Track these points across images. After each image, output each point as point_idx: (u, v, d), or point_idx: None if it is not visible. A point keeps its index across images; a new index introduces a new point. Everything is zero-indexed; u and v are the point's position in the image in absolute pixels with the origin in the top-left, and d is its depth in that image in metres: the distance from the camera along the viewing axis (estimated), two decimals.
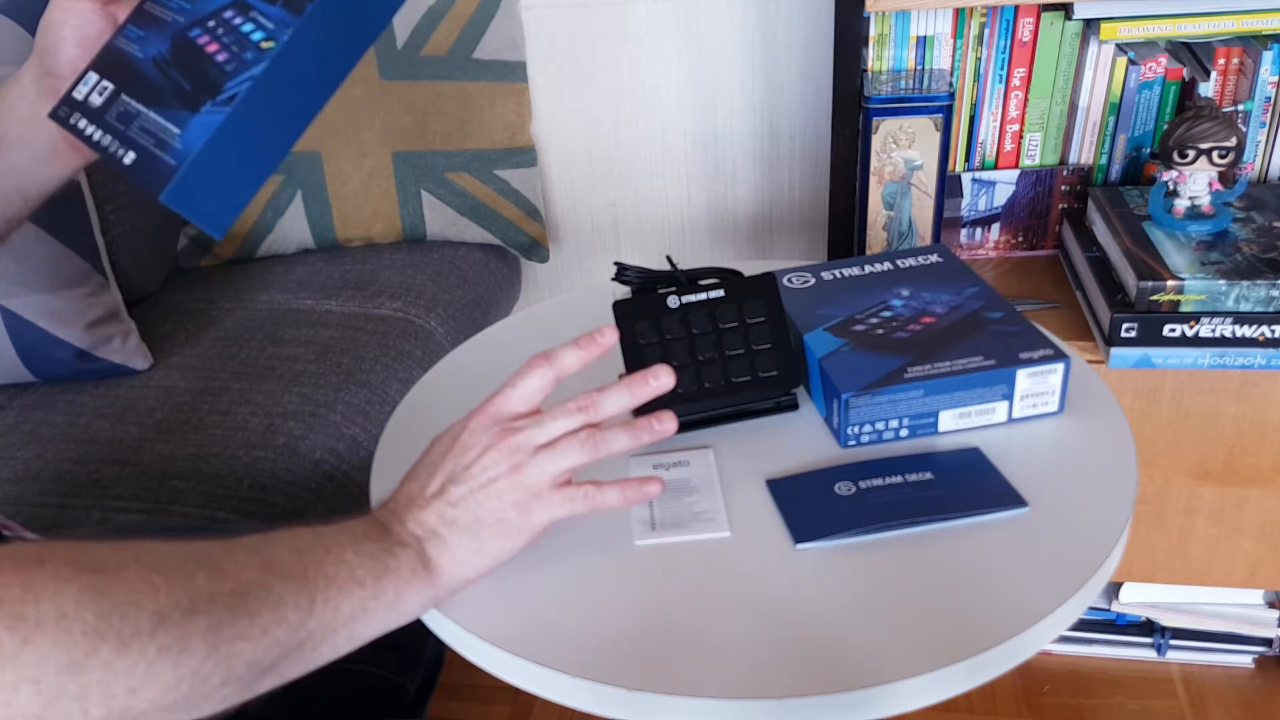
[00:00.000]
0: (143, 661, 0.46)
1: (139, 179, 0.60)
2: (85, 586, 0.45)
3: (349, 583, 0.57)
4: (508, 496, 0.62)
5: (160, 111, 0.61)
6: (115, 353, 1.25)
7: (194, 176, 0.58)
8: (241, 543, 0.55)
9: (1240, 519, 1.20)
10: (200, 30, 0.63)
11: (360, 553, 0.58)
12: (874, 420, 0.75)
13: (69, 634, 0.44)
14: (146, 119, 0.61)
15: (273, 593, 0.53)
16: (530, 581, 0.65)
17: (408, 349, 1.31)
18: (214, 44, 0.62)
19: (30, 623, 0.43)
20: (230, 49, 0.61)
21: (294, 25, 0.60)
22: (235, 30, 0.62)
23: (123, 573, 0.47)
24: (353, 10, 0.62)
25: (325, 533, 0.58)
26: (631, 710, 0.58)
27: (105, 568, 0.47)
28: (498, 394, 0.65)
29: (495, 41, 1.49)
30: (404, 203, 1.52)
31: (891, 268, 0.89)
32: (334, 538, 0.58)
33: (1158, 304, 1.06)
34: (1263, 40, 1.18)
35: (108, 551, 0.48)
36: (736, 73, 1.53)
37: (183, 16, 0.64)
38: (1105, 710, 1.35)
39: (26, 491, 1.09)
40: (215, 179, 0.59)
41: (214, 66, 0.61)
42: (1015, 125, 1.28)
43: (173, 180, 0.58)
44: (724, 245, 1.67)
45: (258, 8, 0.62)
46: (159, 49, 0.63)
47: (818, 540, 0.67)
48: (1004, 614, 0.60)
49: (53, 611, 0.44)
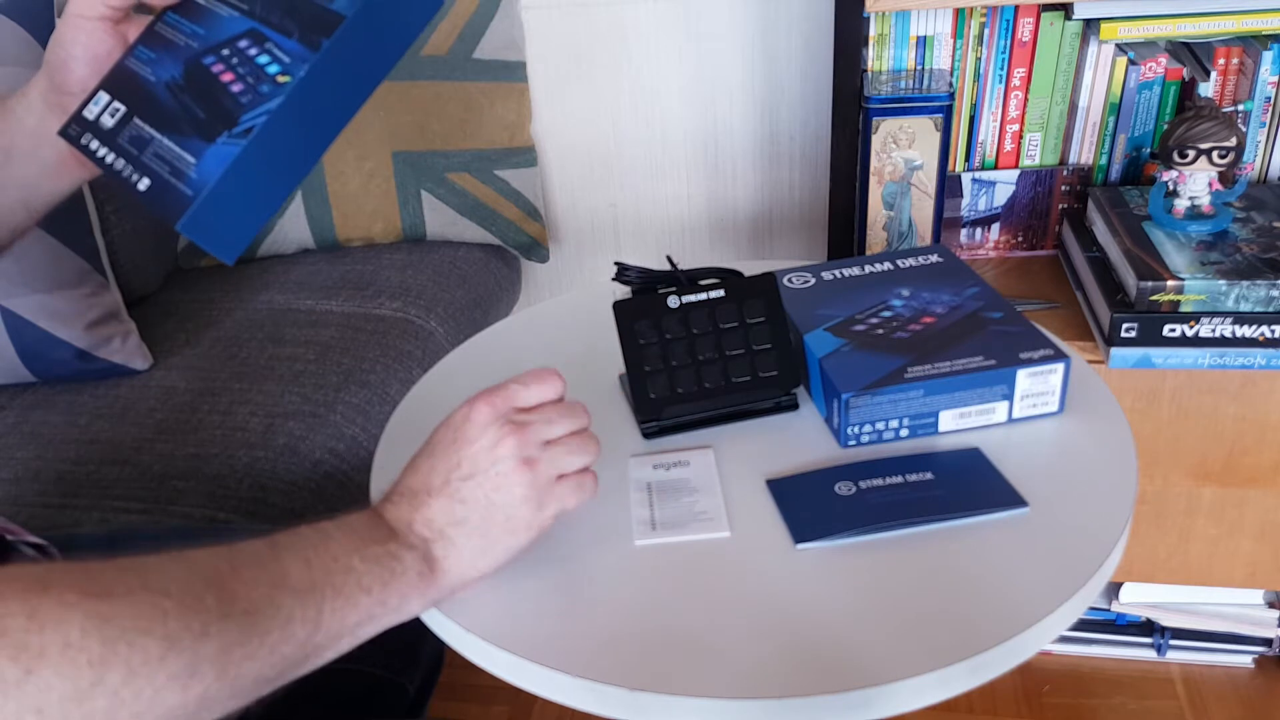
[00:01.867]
0: (150, 688, 0.46)
1: (153, 206, 0.60)
2: (91, 613, 0.44)
3: (356, 591, 0.56)
4: (518, 491, 0.61)
5: (175, 139, 0.61)
6: (115, 353, 1.25)
7: (210, 207, 0.59)
8: (247, 555, 0.54)
9: (1240, 519, 1.20)
10: (214, 58, 0.63)
11: (366, 558, 0.57)
12: (874, 420, 0.75)
13: (74, 664, 0.43)
14: (160, 145, 0.62)
15: (282, 610, 0.52)
16: (530, 581, 0.65)
17: (408, 349, 1.31)
18: (229, 74, 0.62)
19: (34, 653, 0.42)
20: (246, 80, 0.61)
21: (310, 61, 0.60)
22: (251, 61, 0.62)
23: (130, 598, 0.46)
24: (367, 46, 0.63)
25: (331, 535, 0.58)
26: (631, 710, 0.58)
27: (112, 593, 0.46)
28: (504, 388, 0.63)
29: (495, 41, 1.49)
30: (404, 203, 1.52)
31: (891, 268, 0.89)
32: (340, 542, 0.57)
33: (1158, 304, 1.06)
34: (1263, 40, 1.18)
35: (114, 575, 0.47)
36: (736, 73, 1.53)
37: (196, 42, 0.65)
38: (1105, 710, 1.35)
39: (26, 491, 1.08)
40: (230, 209, 0.60)
41: (229, 97, 0.61)
42: (1015, 125, 1.28)
43: (189, 211, 0.59)
44: (724, 245, 1.67)
45: (274, 40, 0.62)
46: (172, 73, 0.64)
47: (818, 540, 0.67)
48: (1004, 614, 0.60)
49: (57, 641, 0.43)
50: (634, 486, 0.73)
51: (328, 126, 0.63)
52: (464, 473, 0.61)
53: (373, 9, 0.62)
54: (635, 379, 0.76)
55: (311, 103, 0.61)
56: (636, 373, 0.76)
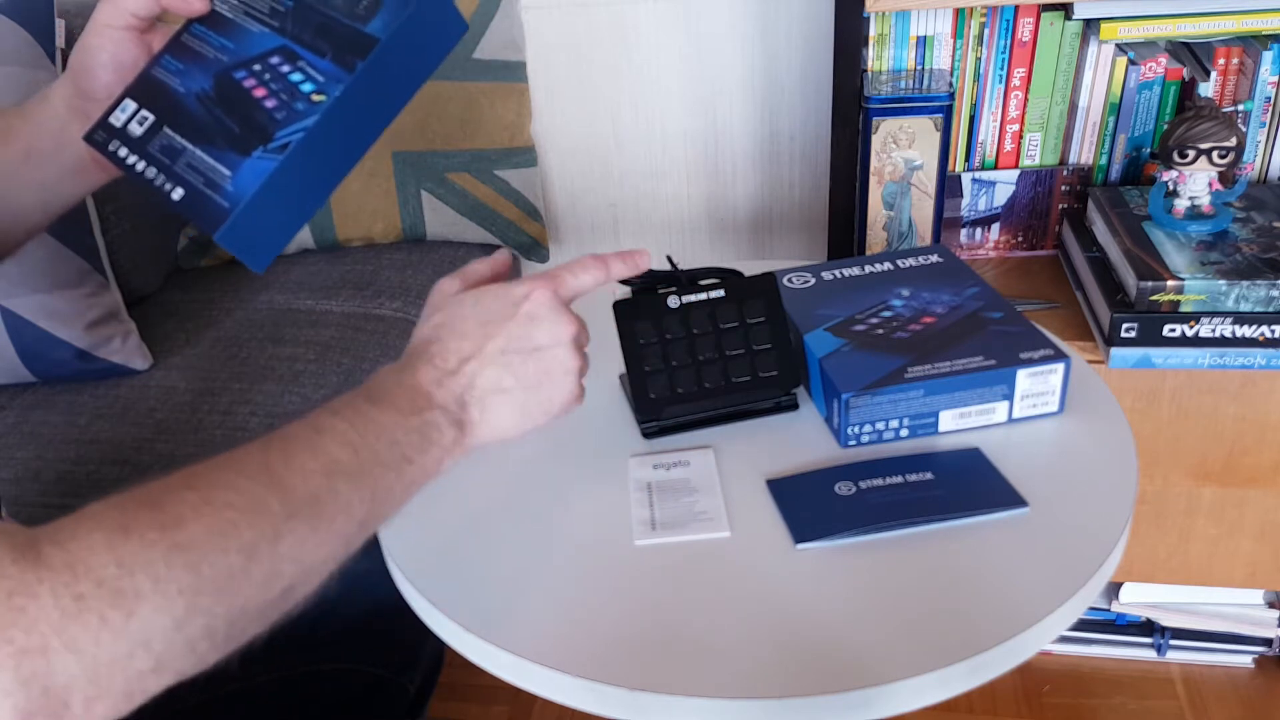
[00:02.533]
0: (239, 599, 0.50)
1: (189, 214, 0.62)
2: (172, 545, 0.48)
3: (401, 462, 0.59)
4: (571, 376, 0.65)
5: (208, 150, 0.63)
6: (115, 353, 1.25)
7: (247, 219, 0.61)
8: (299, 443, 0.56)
9: (1240, 519, 1.20)
10: (246, 73, 0.65)
11: (409, 429, 0.60)
12: (874, 420, 0.75)
13: (166, 596, 0.46)
14: (193, 156, 0.63)
15: (341, 495, 0.55)
16: (531, 581, 0.65)
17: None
18: (262, 89, 0.64)
19: (131, 596, 0.45)
20: (280, 97, 0.63)
21: (345, 81, 0.62)
22: (284, 79, 0.64)
23: (201, 522, 0.49)
24: (397, 67, 0.64)
25: (371, 415, 0.59)
26: (631, 710, 0.58)
27: (184, 520, 0.49)
28: (559, 275, 0.66)
29: (495, 41, 1.49)
30: (404, 203, 1.52)
31: (891, 268, 0.89)
32: (380, 421, 0.59)
33: (1158, 304, 1.06)
34: (1263, 40, 1.18)
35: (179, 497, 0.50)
36: (736, 73, 1.53)
37: (225, 56, 0.66)
38: (1105, 710, 1.35)
39: (26, 491, 1.09)
40: (264, 221, 0.62)
41: (263, 113, 0.63)
42: (1015, 125, 1.28)
43: (226, 222, 0.61)
44: (724, 245, 1.67)
45: (306, 59, 0.64)
46: (201, 85, 0.65)
47: (818, 540, 0.67)
48: (1004, 614, 0.60)
49: (148, 580, 0.46)
50: (634, 486, 0.73)
51: (357, 144, 0.65)
52: (523, 346, 0.64)
53: (404, 33, 0.63)
54: (635, 379, 0.76)
55: (343, 121, 0.63)
56: (636, 373, 0.76)
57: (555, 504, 0.72)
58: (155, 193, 0.63)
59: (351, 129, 0.64)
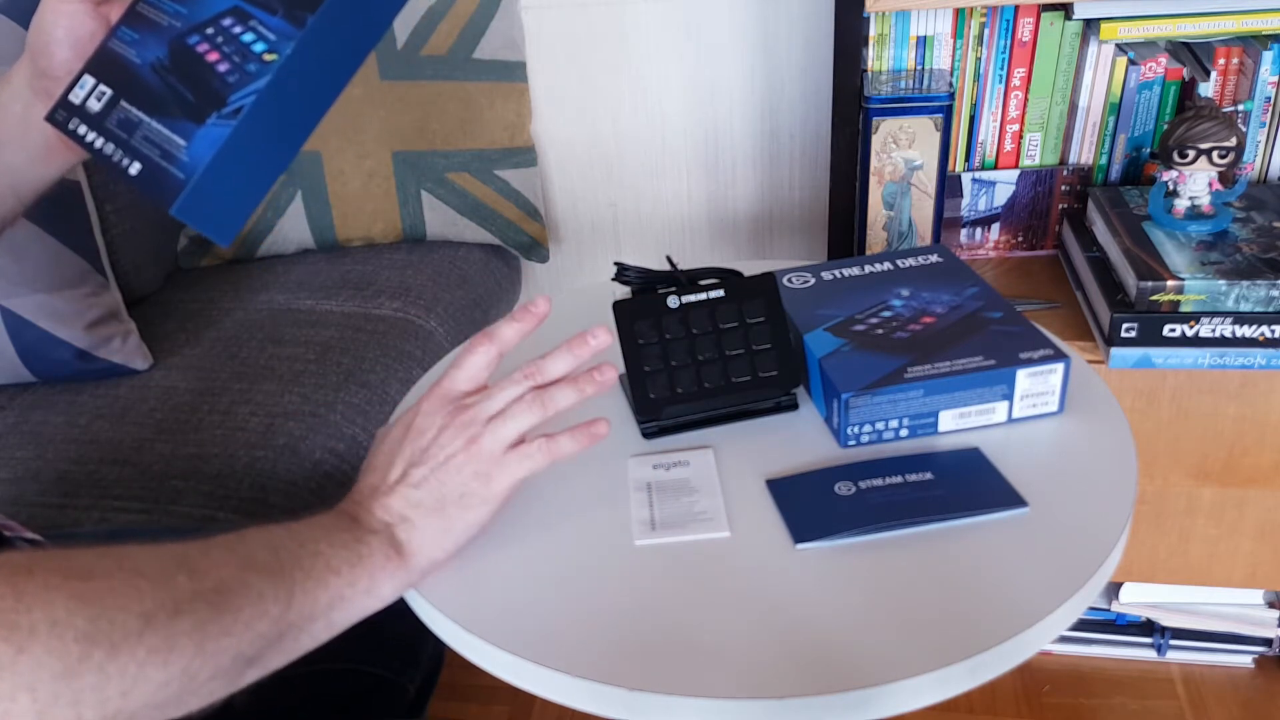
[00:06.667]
0: (133, 663, 0.47)
1: (145, 190, 0.60)
2: (73, 594, 0.46)
3: (325, 572, 0.58)
4: (468, 469, 0.63)
5: (163, 121, 0.61)
6: (115, 353, 1.25)
7: (203, 189, 0.59)
8: (217, 542, 0.56)
9: (1240, 519, 1.20)
10: (199, 37, 0.62)
11: (334, 543, 0.60)
12: (874, 420, 0.75)
13: (61, 640, 0.45)
14: (149, 128, 0.61)
15: (252, 588, 0.54)
16: (530, 582, 0.65)
17: (408, 349, 1.31)
18: (214, 53, 0.62)
19: (24, 631, 0.44)
20: (232, 59, 0.61)
21: (296, 37, 0.60)
22: (236, 40, 0.61)
23: (109, 579, 0.48)
24: (352, 19, 0.62)
25: (296, 528, 0.60)
26: (631, 710, 0.58)
27: (92, 574, 0.48)
28: (444, 378, 0.67)
29: (495, 41, 1.49)
30: (404, 203, 1.52)
31: (891, 268, 0.89)
32: (306, 532, 0.59)
33: (1158, 304, 1.06)
34: (1263, 40, 1.18)
35: (92, 559, 0.49)
36: (736, 72, 1.53)
37: (179, 21, 0.64)
38: (1105, 710, 1.35)
39: (26, 491, 1.09)
40: (223, 190, 0.60)
41: (216, 77, 0.61)
42: (1015, 125, 1.28)
43: (182, 194, 0.58)
44: (724, 245, 1.67)
45: (258, 17, 0.61)
46: (156, 54, 0.63)
47: (818, 540, 0.67)
48: (1004, 614, 0.60)
49: (45, 619, 0.45)
50: (634, 486, 0.73)
51: (315, 104, 0.63)
52: (416, 461, 0.64)
53: None
54: (635, 379, 0.76)
55: (299, 80, 0.61)
56: (636, 373, 0.76)
57: (555, 504, 0.72)
58: (114, 169, 0.61)
59: (308, 88, 0.61)
